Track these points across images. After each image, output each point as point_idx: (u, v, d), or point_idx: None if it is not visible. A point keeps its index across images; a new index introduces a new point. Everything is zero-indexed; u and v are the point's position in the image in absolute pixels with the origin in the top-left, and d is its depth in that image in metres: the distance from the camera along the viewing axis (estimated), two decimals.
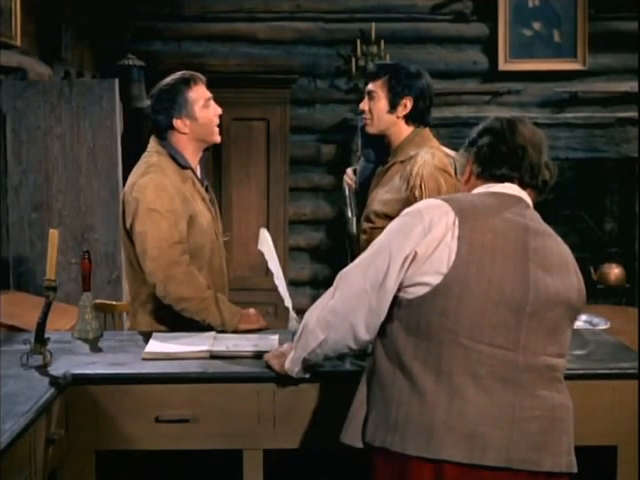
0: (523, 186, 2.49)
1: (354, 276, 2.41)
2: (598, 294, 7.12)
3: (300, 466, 3.11)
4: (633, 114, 7.32)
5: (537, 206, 2.54)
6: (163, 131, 3.57)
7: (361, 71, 7.53)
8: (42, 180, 5.52)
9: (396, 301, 2.38)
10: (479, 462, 2.27)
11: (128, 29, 7.23)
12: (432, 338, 2.32)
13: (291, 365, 2.66)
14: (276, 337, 3.24)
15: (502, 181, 2.49)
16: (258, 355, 3.00)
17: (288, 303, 3.19)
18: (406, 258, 2.33)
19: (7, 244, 5.53)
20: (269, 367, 2.83)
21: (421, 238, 2.33)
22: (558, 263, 2.41)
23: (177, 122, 3.54)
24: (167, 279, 3.37)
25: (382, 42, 7.49)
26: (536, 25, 7.64)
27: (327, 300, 2.45)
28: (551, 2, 7.61)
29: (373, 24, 7.53)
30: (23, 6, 5.46)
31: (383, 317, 2.39)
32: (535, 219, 2.46)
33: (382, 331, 2.41)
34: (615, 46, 7.54)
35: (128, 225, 3.47)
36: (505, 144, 2.48)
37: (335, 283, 2.46)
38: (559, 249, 2.45)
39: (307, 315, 2.51)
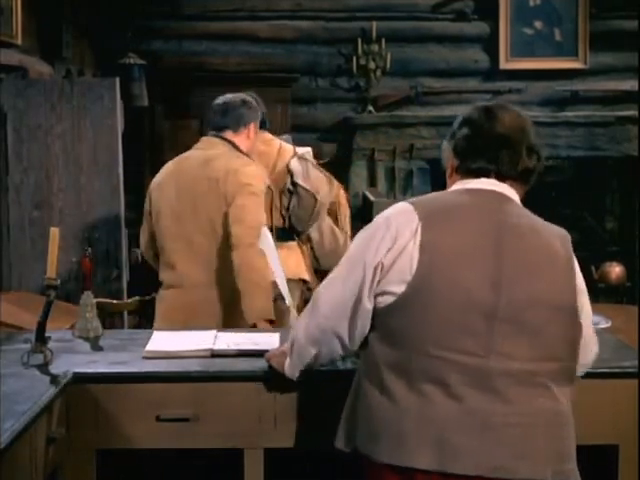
0: (502, 178, 2.39)
1: (333, 291, 2.40)
2: (599, 293, 7.12)
3: (301, 465, 3.11)
4: (634, 113, 7.31)
5: (538, 205, 2.50)
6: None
7: (362, 70, 7.54)
8: (43, 179, 5.52)
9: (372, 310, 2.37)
10: (448, 470, 2.22)
11: (129, 28, 7.23)
12: (401, 346, 2.28)
13: (291, 371, 2.64)
14: (277, 335, 3.24)
15: (478, 176, 2.40)
16: (259, 354, 2.99)
17: (289, 301, 3.19)
18: (376, 268, 2.31)
19: (8, 243, 5.53)
20: (270, 366, 2.83)
21: (388, 247, 2.30)
22: (542, 261, 2.32)
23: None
24: (252, 246, 3.58)
25: (383, 41, 7.49)
26: (537, 24, 7.64)
27: (308, 317, 2.46)
28: (552, 1, 7.62)
29: (374, 23, 7.53)
30: (24, 5, 5.46)
31: (367, 328, 2.37)
32: (515, 215, 2.36)
33: (364, 339, 2.41)
34: (616, 45, 7.55)
35: (230, 204, 3.84)
36: (481, 136, 2.39)
37: (313, 301, 2.45)
38: (544, 245, 2.34)
39: (294, 333, 2.53)
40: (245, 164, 3.97)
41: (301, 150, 4.59)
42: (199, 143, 4.14)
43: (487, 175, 2.40)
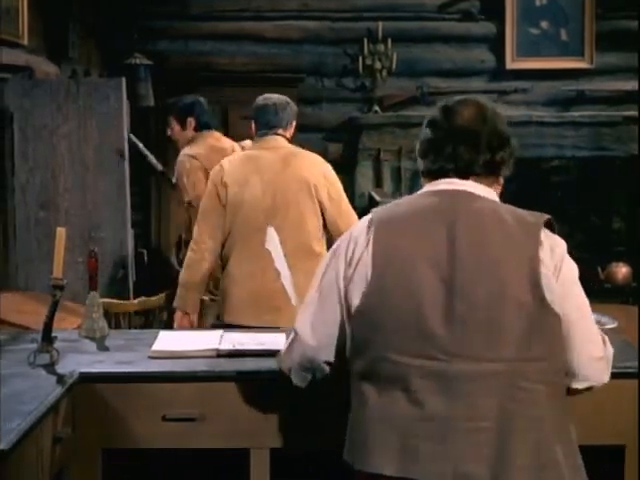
0: (463, 176, 2.35)
1: (315, 319, 2.40)
2: (605, 293, 7.11)
3: (306, 465, 3.11)
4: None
5: (544, 205, 2.47)
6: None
7: (368, 70, 7.54)
8: (49, 179, 5.52)
9: None
10: (411, 476, 2.19)
11: (135, 28, 7.24)
12: (367, 355, 2.28)
13: (297, 382, 2.63)
14: (282, 336, 3.24)
15: (439, 177, 2.37)
16: (264, 354, 3.00)
17: (295, 302, 3.19)
18: (344, 280, 2.32)
19: (14, 243, 5.54)
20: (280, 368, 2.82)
21: (350, 260, 2.31)
22: (504, 256, 2.21)
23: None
24: None
25: (389, 41, 7.50)
26: (543, 24, 7.64)
27: (293, 348, 2.46)
28: (558, 1, 7.61)
29: (380, 23, 7.54)
30: (30, 5, 5.47)
31: (349, 345, 2.37)
32: (477, 211, 2.28)
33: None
34: (622, 45, 7.54)
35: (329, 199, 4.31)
36: (439, 135, 2.36)
37: (296, 331, 2.44)
38: (508, 239, 2.24)
39: (285, 362, 2.53)
40: (331, 170, 4.42)
41: (246, 143, 5.00)
42: (261, 142, 4.41)
43: (447, 175, 2.36)
